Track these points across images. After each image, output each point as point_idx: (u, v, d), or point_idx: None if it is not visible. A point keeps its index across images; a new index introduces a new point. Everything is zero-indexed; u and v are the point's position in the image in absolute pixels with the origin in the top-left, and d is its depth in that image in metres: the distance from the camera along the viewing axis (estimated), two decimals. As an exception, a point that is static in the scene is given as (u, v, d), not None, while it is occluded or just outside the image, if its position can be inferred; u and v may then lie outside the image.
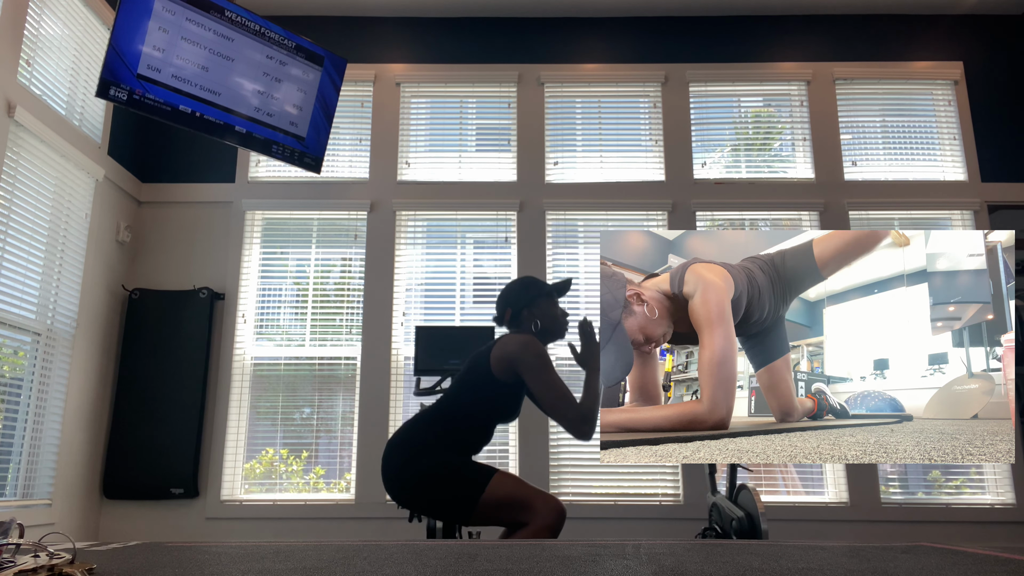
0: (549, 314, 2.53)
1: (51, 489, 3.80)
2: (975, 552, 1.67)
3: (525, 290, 2.55)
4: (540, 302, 2.53)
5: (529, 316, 2.52)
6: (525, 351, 2.35)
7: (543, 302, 2.54)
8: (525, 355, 2.35)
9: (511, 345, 2.38)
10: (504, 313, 2.56)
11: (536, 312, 2.52)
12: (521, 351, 2.35)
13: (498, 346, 2.42)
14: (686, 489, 4.25)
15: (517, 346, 2.36)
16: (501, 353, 2.39)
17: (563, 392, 2.34)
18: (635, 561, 1.45)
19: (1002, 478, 4.28)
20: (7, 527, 1.30)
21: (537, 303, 2.53)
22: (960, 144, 4.75)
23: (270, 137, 4.16)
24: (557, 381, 2.35)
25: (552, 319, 2.53)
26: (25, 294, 3.62)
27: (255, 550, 1.64)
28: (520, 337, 2.40)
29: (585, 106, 4.92)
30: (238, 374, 4.46)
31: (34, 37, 3.67)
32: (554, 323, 2.53)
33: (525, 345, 2.36)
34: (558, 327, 2.54)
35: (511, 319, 2.56)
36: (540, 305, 2.53)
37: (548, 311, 2.53)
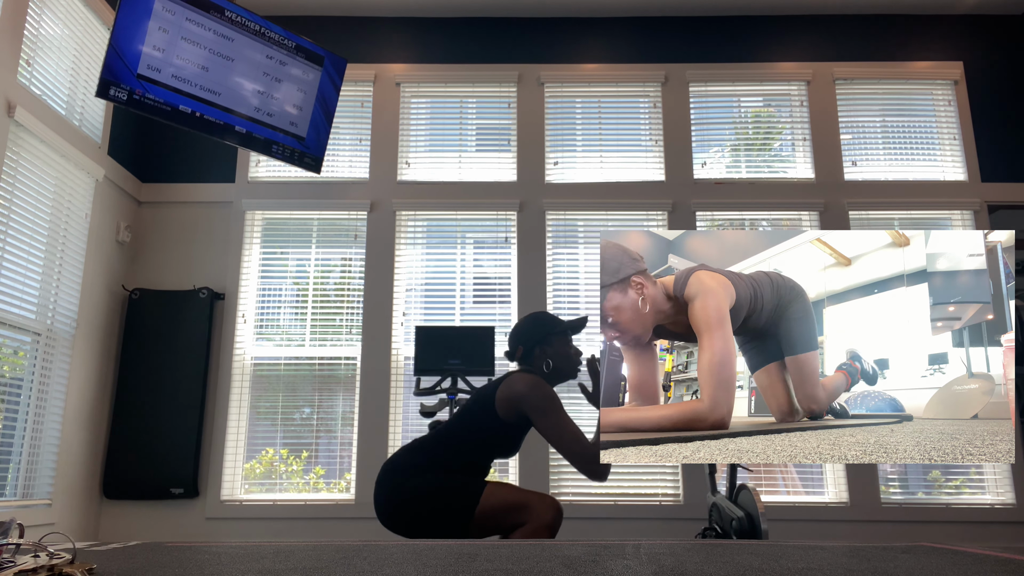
0: (562, 354, 2.50)
1: (51, 489, 3.80)
2: (975, 552, 1.67)
3: (540, 327, 2.52)
4: (553, 340, 2.51)
5: (541, 355, 2.49)
6: (532, 393, 2.32)
7: (556, 340, 2.51)
8: (532, 397, 2.32)
9: (518, 386, 2.35)
10: (516, 350, 2.54)
11: (548, 351, 2.50)
12: (528, 393, 2.32)
13: (504, 386, 2.39)
14: (686, 489, 4.25)
15: (524, 387, 2.33)
16: (507, 394, 2.36)
17: (575, 433, 2.30)
18: (635, 561, 1.45)
19: (1002, 478, 4.28)
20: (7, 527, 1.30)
21: (550, 341, 2.51)
22: (960, 144, 4.75)
23: (270, 137, 4.16)
24: (568, 422, 2.31)
25: (565, 359, 2.51)
26: (25, 294, 3.62)
27: (255, 550, 1.64)
28: (527, 378, 2.36)
29: (585, 106, 4.92)
30: (238, 374, 4.46)
31: (34, 37, 3.67)
32: (566, 363, 2.51)
33: (532, 387, 2.33)
34: (570, 367, 2.52)
35: (523, 356, 2.53)
36: (553, 344, 2.51)
37: (561, 350, 2.51)
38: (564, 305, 4.58)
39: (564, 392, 4.43)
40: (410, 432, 4.40)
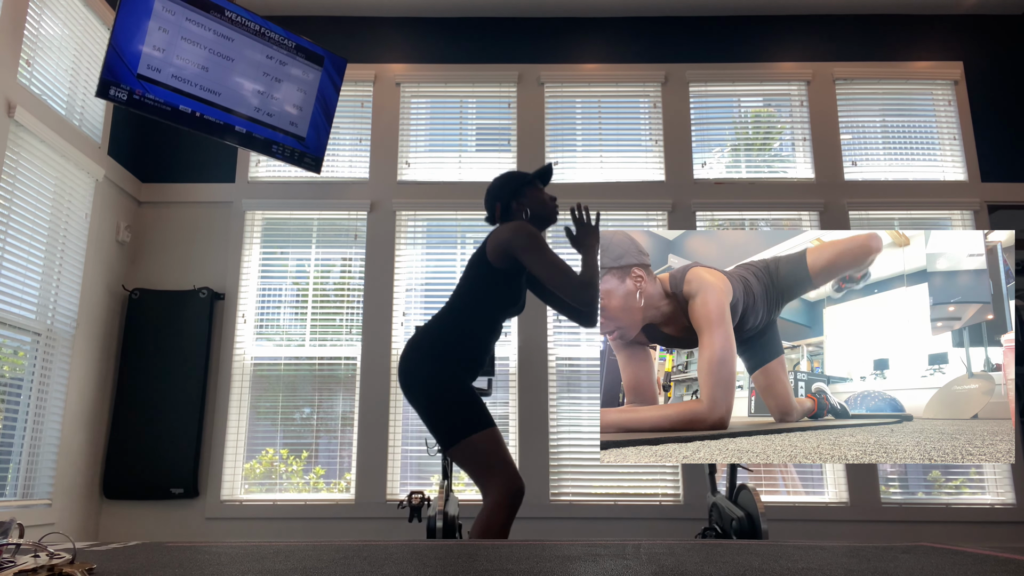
0: (537, 200, 2.58)
1: (51, 489, 3.80)
2: (975, 552, 1.67)
3: (509, 182, 2.60)
4: (526, 191, 2.58)
5: (518, 207, 2.57)
6: (516, 233, 2.39)
7: (529, 190, 2.59)
8: (518, 237, 2.39)
9: (503, 232, 2.43)
10: (494, 210, 2.62)
11: (524, 201, 2.57)
12: (513, 234, 2.40)
13: (492, 236, 2.47)
14: (686, 489, 4.25)
15: (509, 231, 2.41)
16: (495, 241, 2.44)
17: (560, 265, 2.36)
18: (635, 561, 1.45)
19: (1002, 478, 4.28)
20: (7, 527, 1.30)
21: (523, 192, 2.58)
22: (960, 144, 4.75)
23: (270, 137, 4.16)
24: (552, 256, 2.38)
25: (541, 204, 2.58)
26: (25, 294, 3.62)
27: (255, 550, 1.64)
28: (511, 224, 2.44)
29: (585, 106, 4.92)
30: (238, 374, 4.46)
31: (34, 37, 3.67)
32: (543, 208, 2.58)
33: (516, 228, 2.40)
34: (548, 212, 2.59)
35: (502, 213, 2.61)
36: (527, 194, 2.58)
37: (535, 197, 2.58)
38: (564, 305, 4.58)
39: (566, 394, 4.43)
40: (410, 432, 4.40)
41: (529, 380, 4.41)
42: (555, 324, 4.53)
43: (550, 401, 4.39)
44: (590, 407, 4.41)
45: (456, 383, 2.42)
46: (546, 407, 4.37)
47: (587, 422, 4.40)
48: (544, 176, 2.63)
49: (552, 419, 4.38)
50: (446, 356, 2.43)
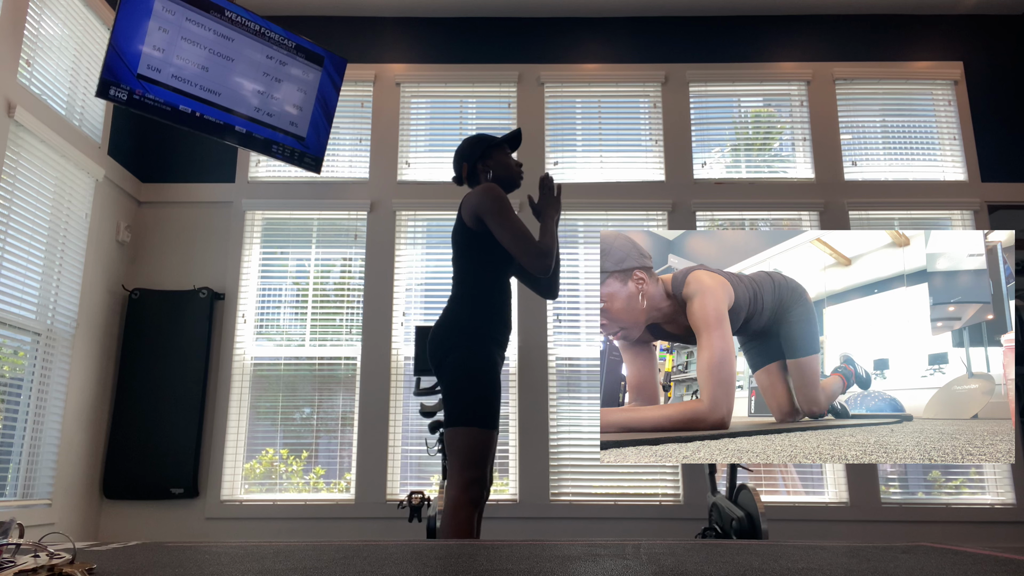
0: (503, 163, 2.60)
1: (51, 489, 3.80)
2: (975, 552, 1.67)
3: (477, 144, 2.61)
4: (493, 153, 2.60)
5: (484, 168, 2.59)
6: (484, 196, 2.41)
7: (496, 152, 2.61)
8: (483, 200, 2.40)
9: (472, 196, 2.44)
10: (461, 170, 2.63)
11: (490, 163, 2.59)
12: (481, 197, 2.41)
13: (464, 203, 2.48)
14: (686, 489, 4.25)
15: (477, 195, 2.42)
16: (467, 207, 2.46)
17: (521, 230, 2.37)
18: (635, 561, 1.45)
19: (1002, 478, 4.28)
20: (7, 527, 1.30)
21: (490, 154, 2.60)
22: (960, 144, 4.75)
23: (270, 137, 4.16)
24: (515, 220, 2.38)
25: (506, 168, 2.60)
26: (25, 294, 3.62)
27: (255, 550, 1.64)
28: (479, 187, 2.46)
29: (585, 106, 4.92)
30: (238, 374, 4.46)
31: (34, 37, 3.67)
32: (508, 172, 2.60)
33: (484, 192, 2.42)
34: (512, 175, 2.61)
35: (469, 175, 2.62)
36: (493, 156, 2.60)
37: (501, 161, 2.60)
38: (564, 304, 4.58)
39: (566, 394, 4.43)
40: (410, 432, 4.40)
41: (529, 380, 4.41)
42: (555, 324, 4.53)
43: (550, 401, 4.39)
44: (590, 407, 4.41)
45: (484, 362, 2.39)
46: (546, 407, 4.37)
47: (587, 422, 4.40)
48: (512, 141, 2.66)
49: (552, 419, 4.38)
50: (479, 332, 2.41)
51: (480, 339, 2.41)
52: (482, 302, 2.45)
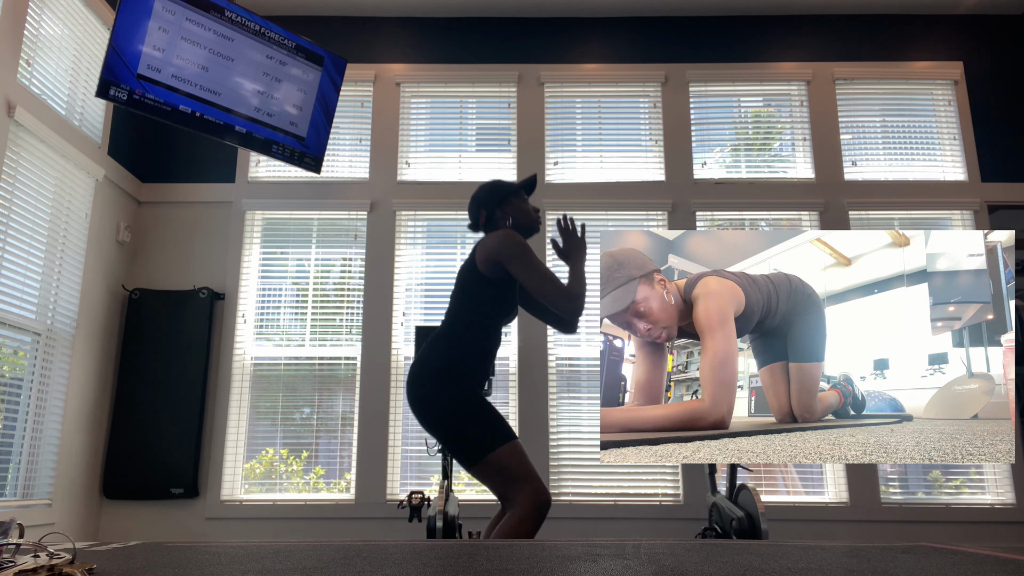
0: (521, 210, 2.59)
1: (51, 489, 3.80)
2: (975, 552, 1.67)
3: (495, 191, 2.61)
4: (511, 200, 2.60)
5: (502, 215, 2.58)
6: (504, 243, 2.40)
7: (513, 199, 2.60)
8: (504, 246, 2.40)
9: (491, 241, 2.44)
10: (478, 218, 2.63)
11: (508, 210, 2.58)
12: (501, 243, 2.41)
13: (480, 247, 2.48)
14: (686, 489, 4.25)
15: (496, 240, 2.42)
16: (483, 251, 2.45)
17: (546, 274, 2.38)
18: (635, 561, 1.45)
19: (1002, 478, 4.28)
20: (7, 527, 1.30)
21: (508, 201, 2.59)
22: (960, 144, 4.75)
23: (270, 137, 4.16)
24: (539, 264, 2.39)
25: (524, 214, 2.59)
26: (25, 294, 3.62)
27: (255, 550, 1.64)
28: (498, 232, 2.45)
29: (585, 106, 4.92)
30: (238, 374, 4.46)
31: (34, 37, 3.67)
32: (527, 218, 2.60)
33: (503, 238, 2.41)
34: (531, 222, 2.60)
35: (486, 222, 2.62)
36: (511, 203, 2.59)
37: (520, 207, 2.60)
38: (564, 305, 4.58)
39: (566, 394, 4.43)
40: (410, 432, 4.40)
41: (529, 380, 4.41)
42: (555, 324, 4.53)
43: (550, 401, 4.39)
44: (590, 407, 4.41)
45: (469, 398, 2.40)
46: (546, 407, 4.37)
47: (587, 422, 4.40)
48: (529, 187, 2.66)
49: (552, 419, 4.38)
50: (455, 374, 2.42)
51: (464, 381, 2.42)
52: (471, 348, 2.46)
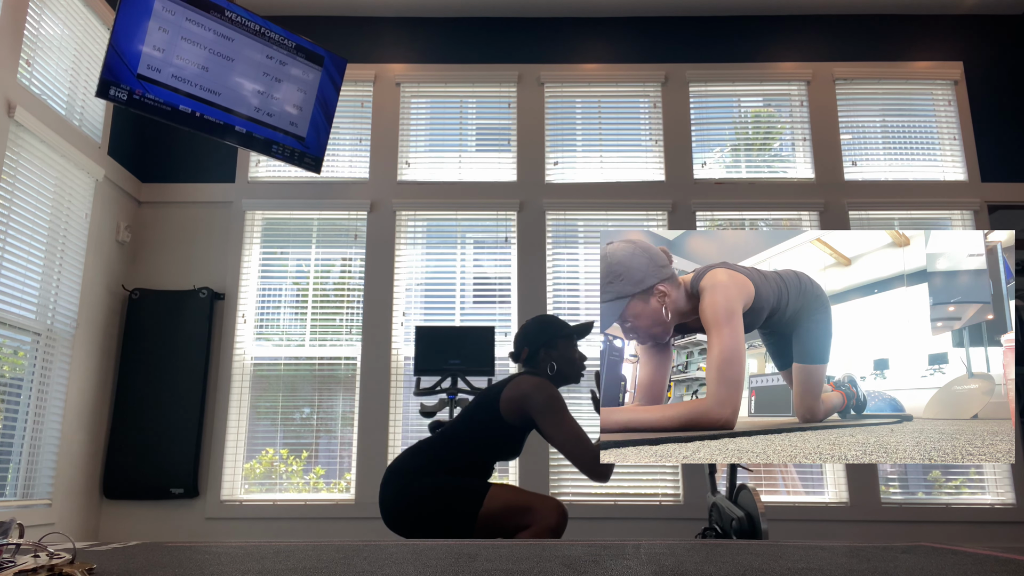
0: (567, 357, 2.51)
1: (51, 489, 3.80)
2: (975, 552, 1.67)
3: (546, 329, 2.52)
4: (559, 343, 2.51)
5: (546, 357, 2.50)
6: (538, 394, 2.32)
7: (562, 343, 2.51)
8: (538, 398, 2.31)
9: (524, 387, 2.34)
10: (521, 351, 2.54)
11: (554, 354, 2.50)
12: (534, 394, 2.32)
13: (510, 387, 2.38)
14: (686, 489, 4.25)
15: (530, 388, 2.33)
16: (513, 395, 2.36)
17: (578, 434, 2.29)
18: (635, 561, 1.45)
19: (1002, 478, 4.28)
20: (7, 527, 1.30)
21: (555, 344, 2.51)
22: (960, 144, 4.75)
23: (270, 137, 4.16)
24: (572, 423, 2.30)
25: (569, 363, 2.51)
26: (25, 294, 3.62)
27: (255, 550, 1.64)
28: (533, 380, 2.36)
29: (585, 106, 4.92)
30: (238, 374, 4.46)
31: (34, 37, 3.67)
32: (570, 367, 2.51)
33: (537, 388, 2.33)
34: (574, 371, 2.52)
35: (528, 358, 2.53)
36: (559, 347, 2.51)
37: (566, 354, 2.51)
38: (564, 305, 4.58)
39: (566, 394, 4.43)
40: (410, 432, 4.40)
41: (529, 380, 4.41)
42: (555, 324, 4.53)
43: (550, 401, 4.39)
44: (590, 407, 4.41)
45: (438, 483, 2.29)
46: (546, 407, 4.36)
47: (587, 422, 4.39)
48: (582, 332, 2.55)
49: (552, 419, 4.37)
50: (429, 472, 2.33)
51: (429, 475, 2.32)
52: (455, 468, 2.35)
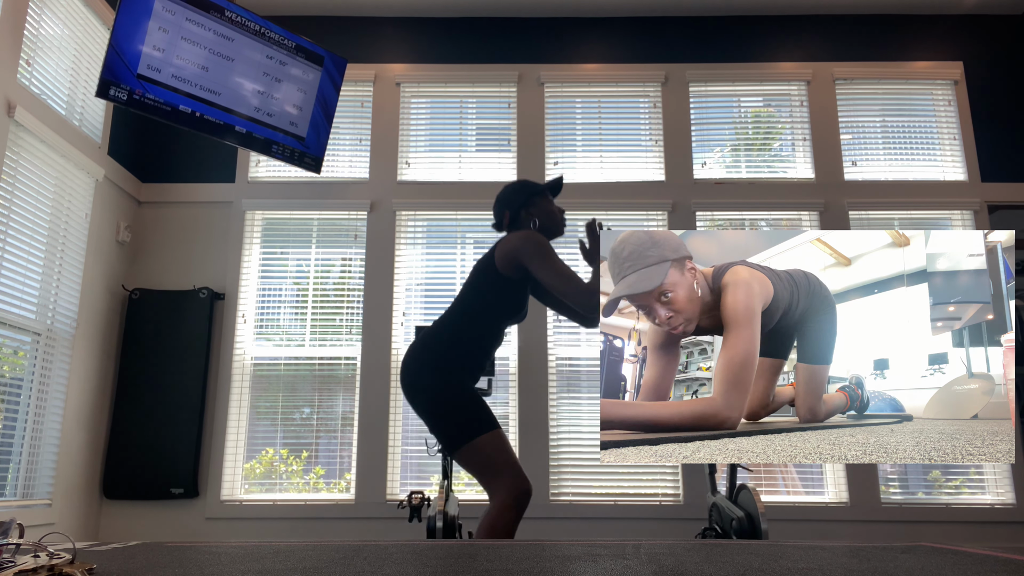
0: (546, 211, 2.61)
1: (51, 489, 3.80)
2: (975, 552, 1.67)
3: (521, 191, 2.63)
4: (536, 201, 2.61)
5: (527, 216, 2.60)
6: (527, 242, 2.42)
7: (539, 200, 2.62)
8: (527, 245, 2.41)
9: (513, 240, 2.45)
10: (503, 217, 2.64)
11: (533, 211, 2.60)
12: (523, 242, 2.43)
13: (501, 244, 2.49)
14: (686, 489, 4.25)
15: (519, 239, 2.44)
16: (505, 249, 2.46)
17: (567, 273, 2.39)
18: (635, 561, 1.45)
19: (1002, 478, 4.28)
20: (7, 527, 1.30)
21: (533, 202, 2.61)
22: (960, 144, 4.75)
23: (270, 137, 4.16)
24: (560, 264, 2.40)
25: (550, 216, 2.61)
26: (25, 294, 3.62)
27: (255, 550, 1.64)
28: (521, 232, 2.47)
29: (585, 106, 4.92)
30: (238, 374, 4.46)
31: (34, 37, 3.67)
32: (551, 219, 2.61)
33: (526, 237, 2.43)
34: (555, 224, 2.62)
35: (510, 222, 2.64)
36: (536, 204, 2.61)
37: (545, 208, 2.61)
38: (564, 305, 4.58)
39: (566, 394, 4.43)
40: (410, 432, 4.40)
41: (529, 380, 4.41)
42: (555, 324, 4.53)
43: (550, 401, 4.39)
44: (590, 407, 4.41)
45: (458, 386, 2.44)
46: (546, 407, 4.37)
47: (587, 422, 4.40)
48: (555, 188, 2.66)
49: (552, 419, 4.38)
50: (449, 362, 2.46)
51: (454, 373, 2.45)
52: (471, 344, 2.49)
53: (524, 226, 2.60)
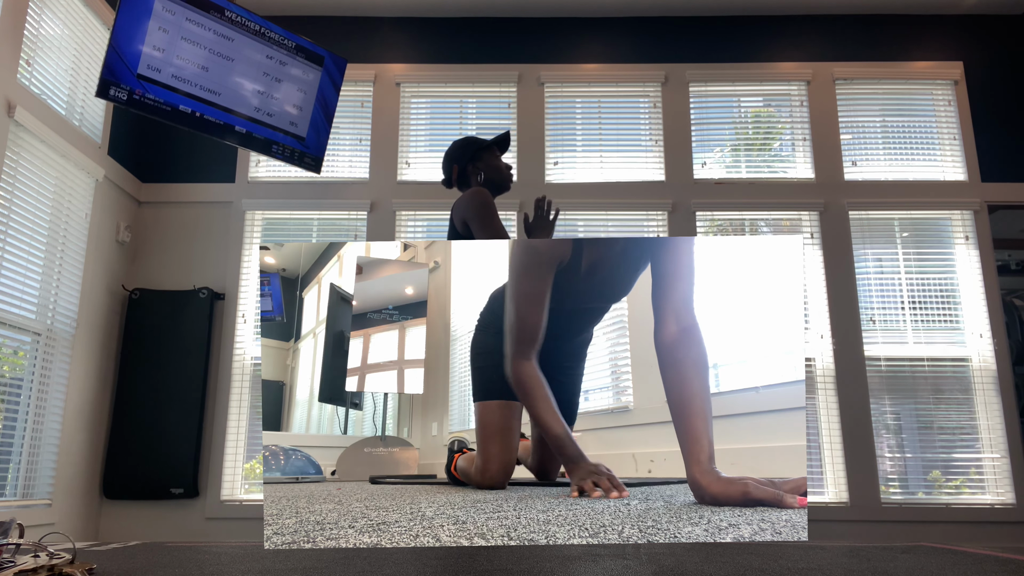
0: (493, 166, 2.65)
1: (51, 489, 3.79)
2: (975, 552, 1.67)
3: (467, 146, 2.66)
4: (483, 155, 2.65)
5: (474, 171, 2.64)
6: (471, 201, 2.46)
7: (485, 155, 2.66)
8: (471, 204, 2.46)
9: (462, 200, 2.50)
10: (451, 173, 2.68)
11: (480, 166, 2.64)
12: (468, 202, 2.47)
13: (454, 206, 2.54)
14: (686, 489, 4.25)
15: (465, 199, 2.48)
16: (456, 211, 2.52)
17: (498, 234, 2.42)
18: (635, 561, 1.45)
19: (1002, 478, 4.28)
20: (7, 527, 1.30)
21: (480, 156, 2.65)
22: (960, 144, 4.75)
23: (270, 137, 4.15)
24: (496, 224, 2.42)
25: (496, 171, 2.65)
26: (25, 294, 3.62)
27: (255, 550, 1.64)
28: (468, 191, 2.52)
29: (585, 106, 4.92)
30: (238, 374, 4.46)
31: (34, 37, 3.67)
32: (498, 174, 2.65)
33: (471, 196, 2.48)
34: (502, 177, 2.66)
35: (459, 177, 2.67)
36: (483, 159, 2.65)
37: (491, 163, 2.65)
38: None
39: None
40: (410, 432, 4.39)
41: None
42: (555, 324, 4.53)
43: (550, 401, 4.39)
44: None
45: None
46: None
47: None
48: (502, 143, 2.71)
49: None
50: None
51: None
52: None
53: (472, 181, 2.64)
